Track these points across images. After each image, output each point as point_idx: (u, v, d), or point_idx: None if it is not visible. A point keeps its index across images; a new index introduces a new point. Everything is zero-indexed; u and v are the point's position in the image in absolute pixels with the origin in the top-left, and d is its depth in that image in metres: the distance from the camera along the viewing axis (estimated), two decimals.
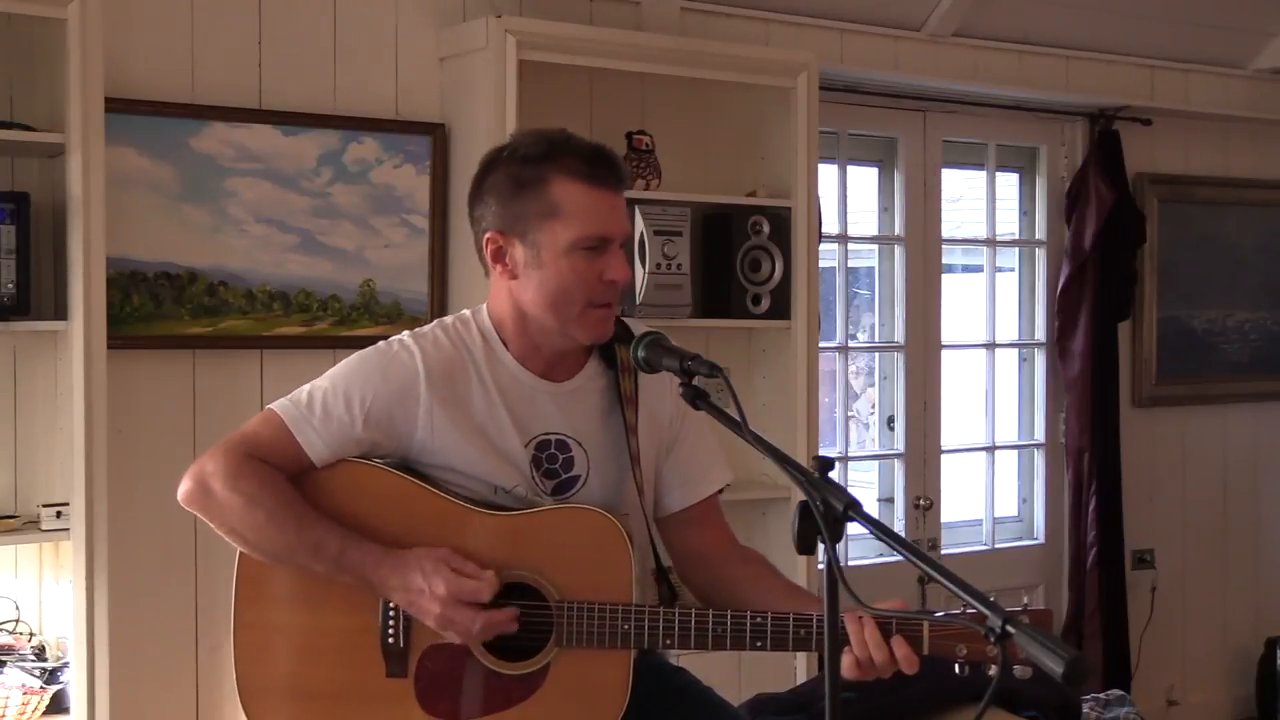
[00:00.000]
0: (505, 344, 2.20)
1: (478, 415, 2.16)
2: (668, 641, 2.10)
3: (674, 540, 2.32)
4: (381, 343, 2.21)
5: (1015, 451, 5.10)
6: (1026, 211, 5.10)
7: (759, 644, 2.06)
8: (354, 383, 2.15)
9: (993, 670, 1.98)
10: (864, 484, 4.81)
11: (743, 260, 3.90)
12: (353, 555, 2.07)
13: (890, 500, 4.73)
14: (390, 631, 2.12)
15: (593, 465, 2.21)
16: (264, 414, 2.16)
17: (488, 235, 2.16)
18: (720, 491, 2.36)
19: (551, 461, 2.19)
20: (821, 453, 3.96)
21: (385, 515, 2.13)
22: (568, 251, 2.11)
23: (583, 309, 2.13)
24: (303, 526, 2.08)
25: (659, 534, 2.30)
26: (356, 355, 2.20)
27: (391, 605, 2.11)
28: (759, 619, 2.06)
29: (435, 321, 2.25)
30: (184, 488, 2.12)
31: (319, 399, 2.14)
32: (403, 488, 2.14)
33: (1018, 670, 1.89)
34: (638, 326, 2.19)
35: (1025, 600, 2.03)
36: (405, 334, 2.22)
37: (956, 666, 2.00)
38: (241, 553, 2.14)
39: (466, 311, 2.26)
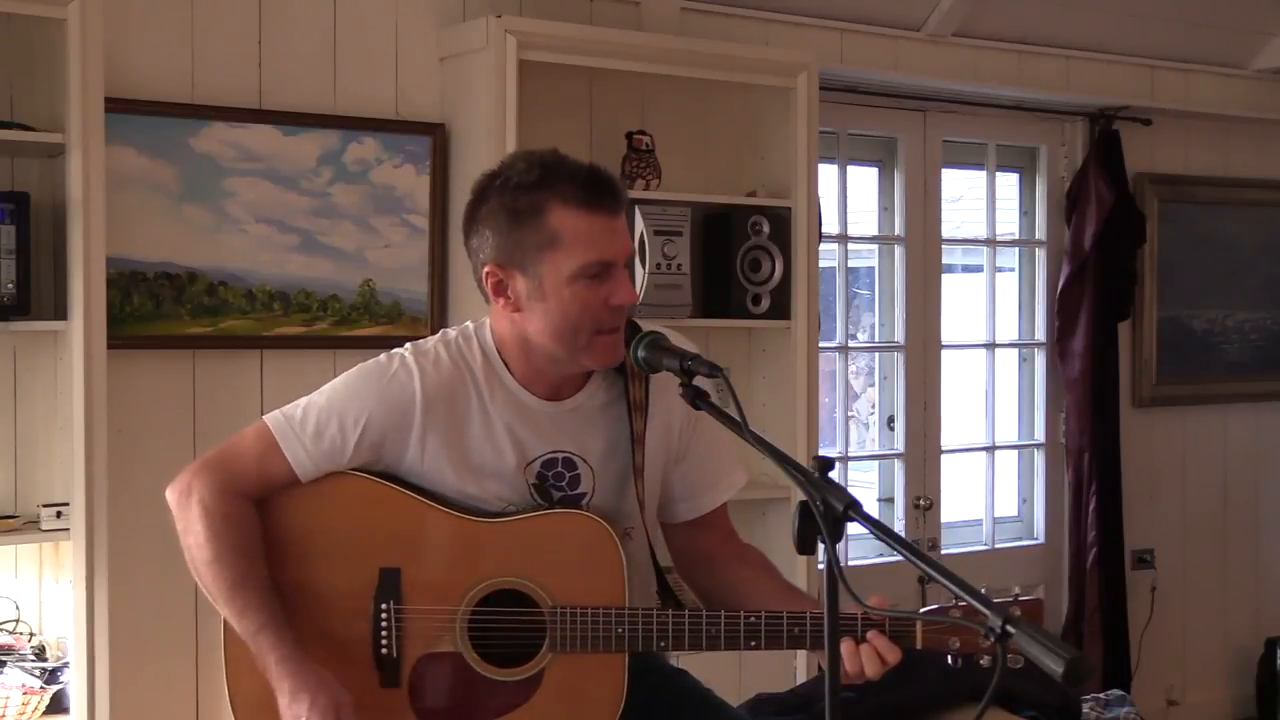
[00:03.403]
0: (508, 366, 2.16)
1: (474, 439, 2.13)
2: (661, 644, 2.09)
3: (677, 541, 2.31)
4: (383, 356, 2.17)
5: (1015, 451, 5.10)
6: (1026, 211, 5.10)
7: (753, 643, 2.06)
8: (350, 402, 2.12)
9: (985, 660, 1.99)
10: (864, 484, 4.81)
11: (743, 260, 3.90)
12: (265, 639, 2.03)
13: (890, 500, 4.73)
14: (383, 641, 2.10)
15: (598, 481, 2.19)
16: (257, 426, 2.14)
17: (487, 269, 2.11)
18: None
19: (558, 480, 2.17)
20: (821, 453, 3.96)
21: (374, 524, 2.12)
22: (570, 281, 2.05)
23: (590, 337, 2.09)
24: (239, 586, 2.05)
25: (662, 533, 2.29)
26: (356, 370, 2.17)
27: (383, 615, 2.10)
28: (752, 619, 2.05)
29: (439, 334, 2.21)
30: (172, 492, 2.12)
31: (313, 416, 2.11)
32: (391, 497, 2.12)
33: (1008, 659, 1.89)
34: (649, 326, 2.17)
35: (1016, 591, 2.03)
36: (407, 348, 2.17)
37: (949, 658, 2.01)
38: None
39: (470, 325, 2.22)
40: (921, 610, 2.04)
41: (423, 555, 2.11)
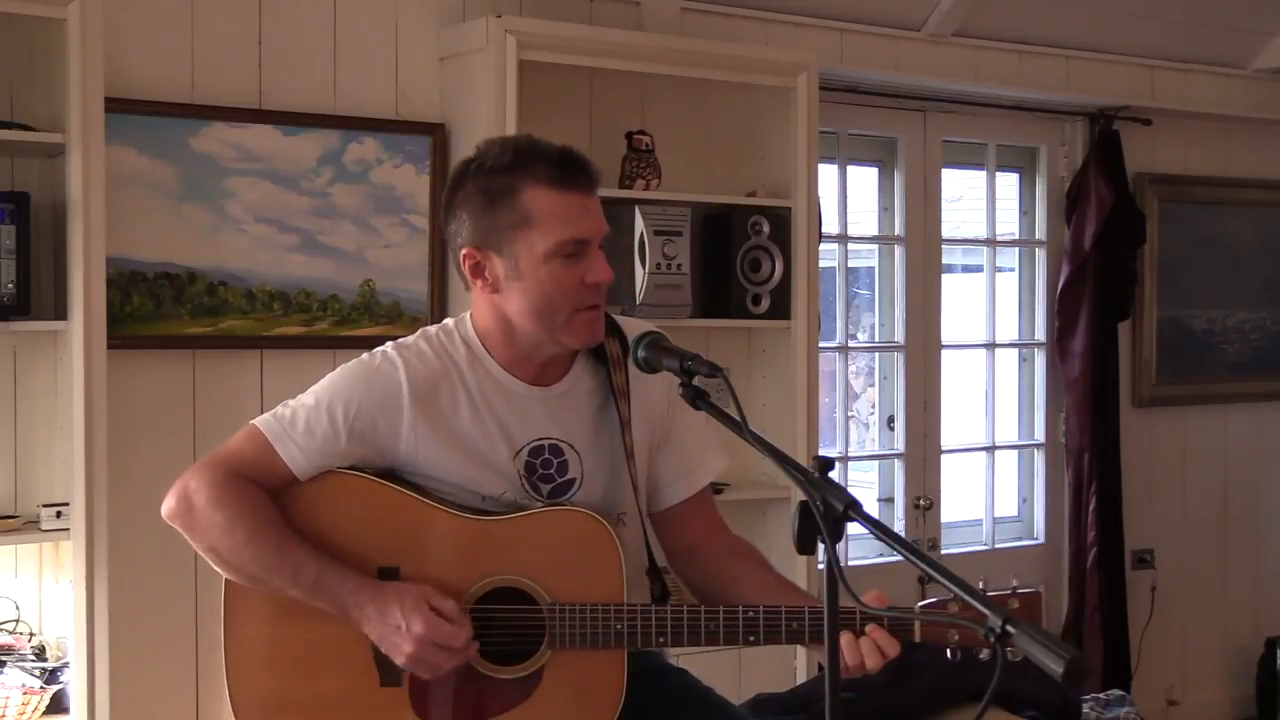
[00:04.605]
0: (491, 353, 2.18)
1: (463, 427, 2.14)
2: (660, 640, 2.09)
3: (667, 534, 2.31)
4: (364, 355, 2.19)
5: (1015, 451, 5.10)
6: (1026, 211, 5.10)
7: (751, 638, 2.06)
8: (337, 396, 2.13)
9: (984, 654, 1.99)
10: (864, 484, 4.81)
11: (743, 260, 3.91)
12: (331, 580, 2.05)
13: (890, 500, 4.73)
14: None
15: (587, 467, 2.20)
16: (246, 429, 2.14)
17: (464, 251, 2.13)
18: (719, 491, 2.35)
19: (546, 467, 2.18)
20: (821, 453, 3.96)
21: (372, 523, 2.12)
22: (546, 260, 2.08)
23: (569, 315, 2.11)
24: (283, 549, 2.06)
25: (652, 529, 2.29)
26: (339, 369, 2.18)
27: None
28: (751, 613, 2.06)
29: (419, 332, 2.23)
30: (168, 504, 2.11)
31: (302, 414, 2.12)
32: (388, 496, 2.13)
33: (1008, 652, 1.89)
34: (635, 326, 2.18)
35: (1014, 583, 2.03)
36: (388, 345, 2.19)
37: (948, 651, 2.02)
38: None
39: (449, 321, 2.24)
40: (921, 603, 2.05)
41: (420, 554, 2.11)
